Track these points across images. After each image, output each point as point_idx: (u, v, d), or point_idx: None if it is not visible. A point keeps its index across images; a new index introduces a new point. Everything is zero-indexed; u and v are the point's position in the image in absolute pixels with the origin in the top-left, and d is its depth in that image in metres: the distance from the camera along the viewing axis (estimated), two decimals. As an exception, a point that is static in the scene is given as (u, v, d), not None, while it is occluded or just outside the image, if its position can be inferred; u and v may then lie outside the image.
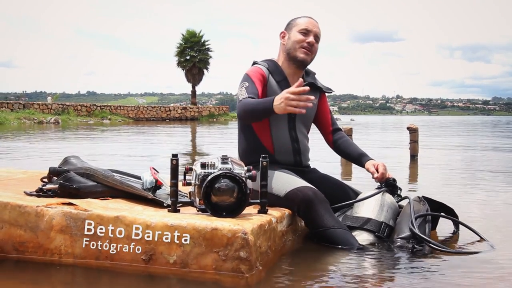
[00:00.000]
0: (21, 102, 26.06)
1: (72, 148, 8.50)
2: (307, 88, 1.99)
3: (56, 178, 2.07)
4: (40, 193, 1.99)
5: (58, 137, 11.85)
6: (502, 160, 6.97)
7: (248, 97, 2.18)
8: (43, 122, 21.63)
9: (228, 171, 1.79)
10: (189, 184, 1.88)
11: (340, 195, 2.33)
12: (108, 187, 2.06)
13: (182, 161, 6.04)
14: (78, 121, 23.92)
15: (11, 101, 25.04)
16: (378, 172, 2.28)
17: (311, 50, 2.34)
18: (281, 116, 2.31)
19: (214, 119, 31.28)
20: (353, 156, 2.46)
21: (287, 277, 1.73)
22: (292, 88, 1.99)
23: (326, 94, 2.56)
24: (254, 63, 2.43)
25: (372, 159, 2.38)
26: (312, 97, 2.02)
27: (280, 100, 1.99)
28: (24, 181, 2.37)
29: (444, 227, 2.42)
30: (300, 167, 2.40)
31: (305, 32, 2.33)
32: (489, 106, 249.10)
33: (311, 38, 2.33)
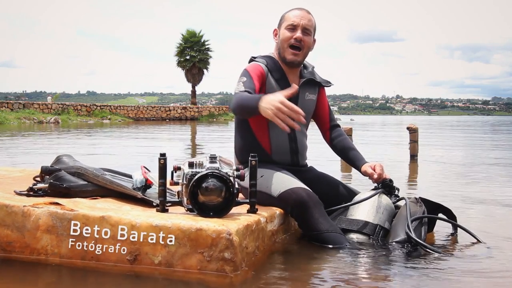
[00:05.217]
0: (21, 102, 26.05)
1: (71, 147, 8.49)
2: (295, 90, 1.94)
3: (48, 177, 2.07)
4: (31, 192, 1.98)
5: (58, 137, 11.84)
6: (502, 160, 6.96)
7: (245, 90, 2.11)
8: (43, 122, 21.63)
9: (215, 171, 1.78)
10: (176, 183, 1.87)
11: (337, 194, 2.30)
12: (99, 186, 2.06)
13: (183, 158, 6.01)
14: (78, 121, 23.92)
15: (11, 101, 25.03)
16: (375, 173, 2.26)
17: (300, 46, 2.25)
18: None
19: (214, 119, 31.27)
20: (349, 158, 2.43)
21: (273, 276, 1.72)
22: (287, 92, 1.92)
23: (326, 88, 2.48)
24: (252, 59, 2.37)
25: (367, 162, 2.35)
26: (303, 114, 1.89)
27: (271, 105, 1.86)
28: (19, 180, 2.37)
29: (442, 228, 2.40)
30: (297, 166, 2.37)
31: (292, 28, 2.25)
32: (489, 106, 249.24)
33: (298, 33, 2.24)
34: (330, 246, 2.01)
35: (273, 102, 1.86)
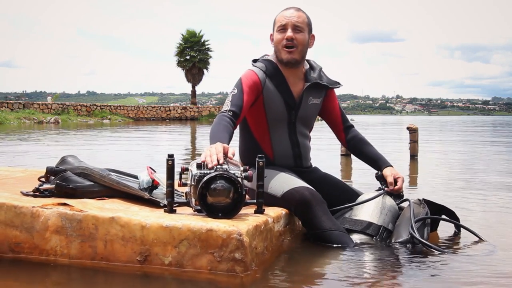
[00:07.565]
0: (21, 102, 26.05)
1: (73, 148, 8.49)
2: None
3: (53, 177, 2.07)
4: (37, 193, 1.98)
5: (58, 137, 11.84)
6: (501, 159, 6.96)
7: (229, 110, 2.14)
8: (43, 122, 21.63)
9: (224, 172, 1.78)
10: (184, 184, 1.88)
11: (341, 195, 2.31)
12: (105, 187, 2.06)
13: (183, 159, 6.03)
14: (78, 121, 23.92)
15: (11, 101, 25.03)
16: (395, 185, 2.26)
17: (293, 44, 2.23)
18: (281, 119, 2.30)
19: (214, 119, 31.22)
20: (369, 159, 2.42)
21: (282, 276, 1.73)
22: (221, 147, 1.86)
23: (335, 89, 2.45)
24: (254, 61, 2.38)
25: (390, 165, 2.35)
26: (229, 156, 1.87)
27: (208, 149, 1.86)
28: (22, 180, 2.37)
29: (445, 228, 2.40)
30: (301, 168, 2.38)
31: (282, 29, 2.24)
32: (489, 106, 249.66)
33: (288, 33, 2.22)
34: (334, 245, 2.01)
35: (209, 148, 1.87)
